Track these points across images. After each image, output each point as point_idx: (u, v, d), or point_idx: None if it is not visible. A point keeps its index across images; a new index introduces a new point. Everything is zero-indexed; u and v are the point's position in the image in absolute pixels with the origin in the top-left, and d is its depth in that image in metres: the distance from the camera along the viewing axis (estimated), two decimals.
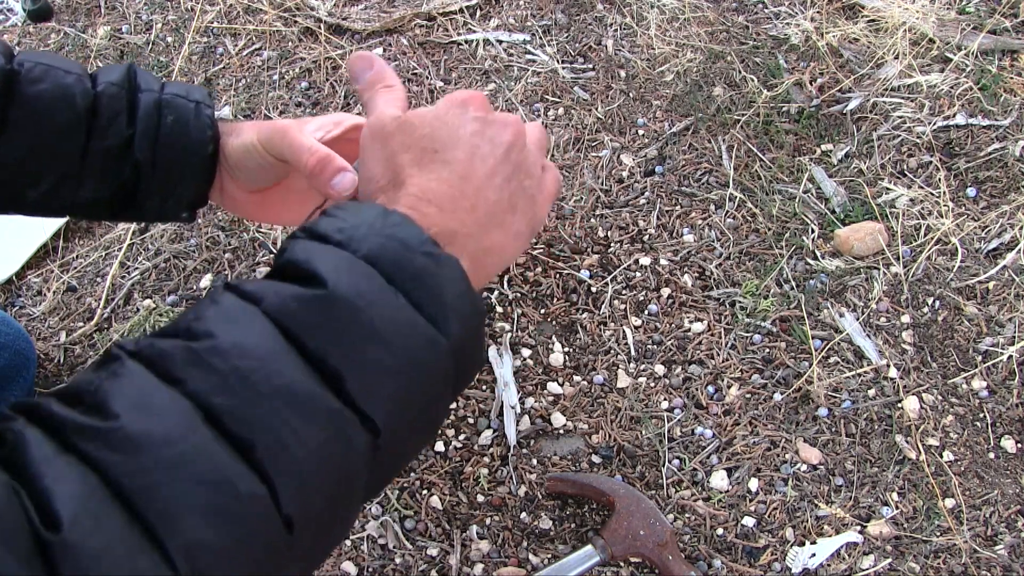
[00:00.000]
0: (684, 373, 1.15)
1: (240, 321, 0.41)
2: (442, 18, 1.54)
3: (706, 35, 1.52)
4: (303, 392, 0.40)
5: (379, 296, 0.43)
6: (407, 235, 0.46)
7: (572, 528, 1.04)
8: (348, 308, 0.42)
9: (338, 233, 0.45)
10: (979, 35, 1.50)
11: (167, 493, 0.36)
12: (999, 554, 1.03)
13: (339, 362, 0.41)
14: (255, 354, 0.40)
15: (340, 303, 0.42)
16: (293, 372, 0.40)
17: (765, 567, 1.01)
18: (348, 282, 0.43)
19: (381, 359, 0.42)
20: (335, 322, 0.42)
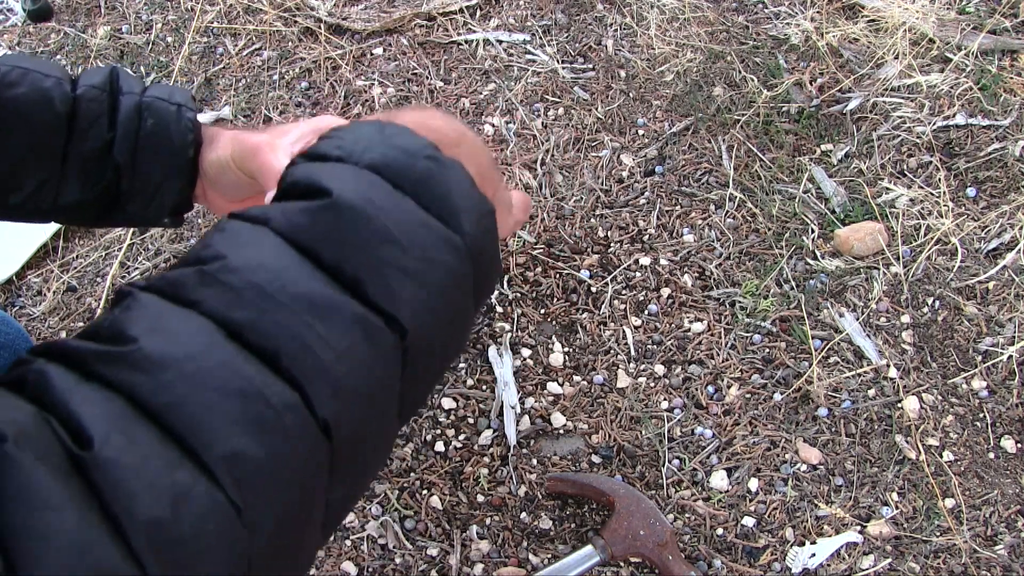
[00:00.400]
0: (684, 373, 1.15)
1: (249, 241, 0.41)
2: (442, 18, 1.54)
3: (706, 35, 1.52)
4: (323, 299, 0.39)
5: (387, 201, 0.42)
6: (407, 143, 0.44)
7: (572, 528, 1.04)
8: (357, 214, 0.41)
9: (337, 150, 0.44)
10: (979, 35, 1.50)
11: (194, 408, 0.35)
12: (999, 554, 1.03)
13: (356, 268, 0.40)
14: (269, 267, 0.39)
15: (348, 210, 0.41)
16: (310, 281, 0.39)
17: (765, 567, 1.01)
18: (354, 189, 0.41)
19: (398, 260, 0.41)
20: (346, 229, 0.41)
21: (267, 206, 0.43)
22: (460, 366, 1.15)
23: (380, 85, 1.45)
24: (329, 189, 0.41)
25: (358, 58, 1.49)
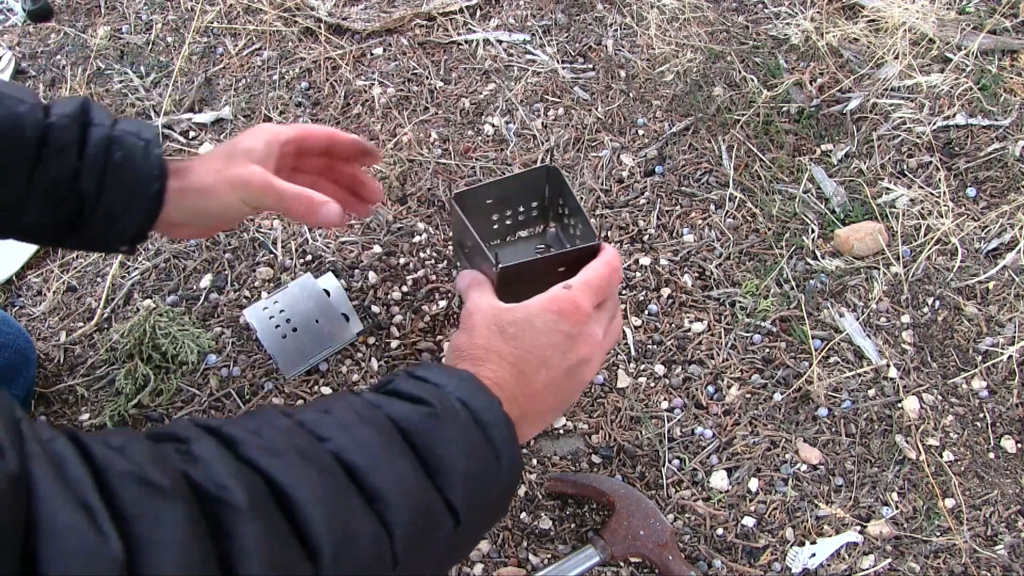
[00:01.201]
0: (684, 373, 1.15)
1: (366, 412, 0.57)
2: (442, 18, 1.54)
3: (706, 35, 1.52)
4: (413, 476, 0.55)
5: (467, 426, 0.59)
6: (484, 392, 0.62)
7: (572, 528, 1.04)
8: (448, 424, 0.58)
9: (436, 378, 0.62)
10: (979, 35, 1.50)
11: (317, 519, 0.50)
12: (999, 554, 1.03)
13: (435, 461, 0.56)
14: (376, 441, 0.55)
15: (443, 419, 0.57)
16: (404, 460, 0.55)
17: (765, 567, 1.01)
18: (447, 407, 0.58)
19: (463, 466, 0.57)
20: (438, 432, 0.57)
21: (379, 396, 0.60)
22: None
23: (380, 85, 1.45)
24: (433, 403, 0.58)
25: (358, 58, 1.49)
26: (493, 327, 0.71)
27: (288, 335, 1.11)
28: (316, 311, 1.13)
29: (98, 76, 1.46)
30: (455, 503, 0.55)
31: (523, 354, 0.69)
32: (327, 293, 1.15)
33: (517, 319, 0.71)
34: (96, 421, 1.09)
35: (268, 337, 1.11)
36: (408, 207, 1.30)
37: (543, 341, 0.70)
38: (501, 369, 0.67)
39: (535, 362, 0.69)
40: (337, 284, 1.16)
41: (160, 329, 1.12)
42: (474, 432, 0.59)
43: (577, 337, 0.71)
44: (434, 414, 0.57)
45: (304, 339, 1.11)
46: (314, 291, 1.13)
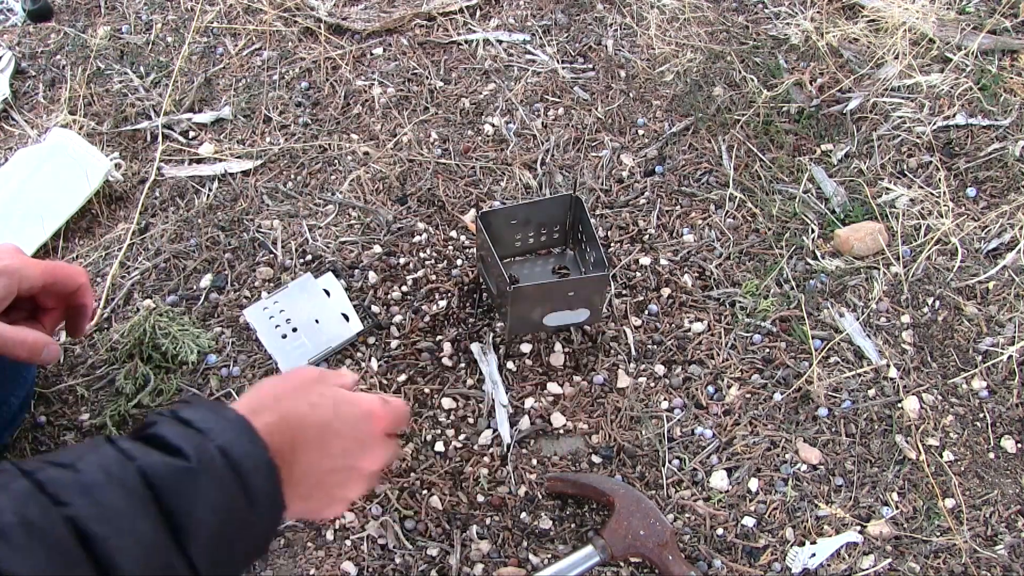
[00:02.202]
0: (684, 373, 1.15)
1: (115, 470, 0.56)
2: (442, 18, 1.54)
3: (706, 35, 1.52)
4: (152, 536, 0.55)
5: (223, 479, 0.59)
6: (249, 437, 0.62)
7: (572, 528, 1.04)
8: (202, 478, 0.57)
9: (200, 422, 0.61)
10: (979, 35, 1.50)
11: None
12: (999, 554, 1.03)
13: (183, 519, 0.56)
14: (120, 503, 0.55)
15: (197, 473, 0.57)
16: (146, 520, 0.55)
17: (765, 567, 1.01)
18: (204, 459, 0.58)
19: (212, 523, 0.57)
20: (190, 488, 0.57)
21: (134, 444, 0.59)
22: (460, 366, 1.15)
23: (380, 85, 1.45)
24: (189, 456, 0.58)
25: (358, 58, 1.49)
26: (303, 387, 0.73)
27: (288, 335, 1.12)
28: (316, 311, 1.13)
29: (98, 76, 1.46)
30: (197, 563, 0.56)
31: (311, 427, 0.70)
32: (327, 293, 1.15)
33: (328, 394, 0.73)
34: (96, 421, 1.09)
35: (268, 337, 1.11)
36: (408, 207, 1.30)
37: (337, 427, 0.72)
38: (280, 426, 0.67)
39: (316, 441, 0.70)
40: (337, 284, 1.16)
41: (160, 329, 1.12)
42: (230, 484, 0.59)
43: (367, 448, 0.74)
44: (189, 469, 0.57)
45: (304, 339, 1.12)
46: (314, 291, 1.14)
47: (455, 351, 1.16)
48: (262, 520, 0.62)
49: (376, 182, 1.33)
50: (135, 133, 1.39)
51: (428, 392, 1.13)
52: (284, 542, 1.01)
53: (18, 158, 1.29)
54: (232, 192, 1.32)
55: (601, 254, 1.08)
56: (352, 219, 1.29)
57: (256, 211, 1.29)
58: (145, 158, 1.36)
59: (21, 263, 0.84)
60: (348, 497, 0.75)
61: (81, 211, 1.28)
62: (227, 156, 1.36)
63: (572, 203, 1.15)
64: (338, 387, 0.76)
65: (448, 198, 1.31)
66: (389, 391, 1.12)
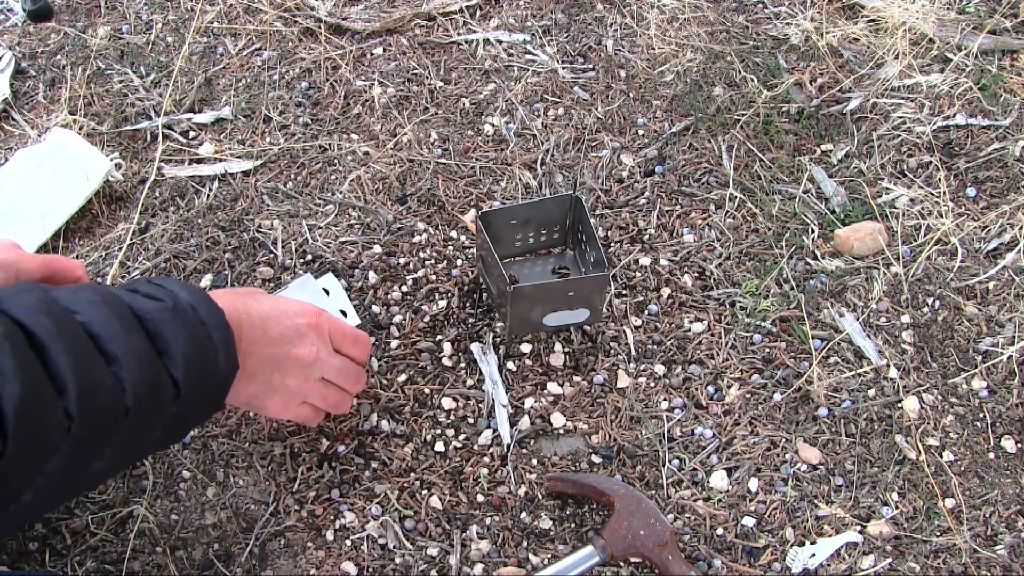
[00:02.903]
0: (684, 373, 1.15)
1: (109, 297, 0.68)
2: (442, 18, 1.54)
3: (706, 35, 1.52)
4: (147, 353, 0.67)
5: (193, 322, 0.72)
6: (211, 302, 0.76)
7: (572, 528, 1.04)
8: (178, 318, 0.70)
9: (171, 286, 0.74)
10: (979, 35, 1.50)
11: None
12: (999, 554, 1.03)
13: (166, 344, 0.69)
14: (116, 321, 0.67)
15: (175, 313, 0.70)
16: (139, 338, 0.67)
17: (765, 567, 1.01)
18: (180, 306, 0.71)
19: (187, 352, 0.70)
20: (170, 323, 0.69)
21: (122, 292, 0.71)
22: (460, 366, 1.15)
23: (380, 85, 1.45)
24: (167, 301, 0.71)
25: (358, 58, 1.49)
26: (251, 290, 0.92)
27: None
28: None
29: (98, 76, 1.46)
30: (177, 378, 0.68)
31: (255, 314, 0.84)
32: (326, 292, 1.15)
33: (270, 297, 0.90)
34: None
35: None
36: (408, 207, 1.30)
37: (276, 316, 0.86)
38: (233, 305, 0.80)
39: (259, 325, 0.84)
40: (337, 284, 1.16)
41: None
42: (199, 329, 0.71)
43: (302, 338, 0.88)
44: (167, 308, 0.70)
45: None
46: (314, 291, 1.14)
47: (455, 351, 1.16)
48: (222, 368, 0.74)
49: (376, 182, 1.33)
50: (135, 133, 1.39)
51: (428, 392, 1.13)
52: (284, 542, 1.02)
53: (18, 158, 1.29)
54: (232, 192, 1.32)
55: (601, 254, 1.08)
56: (352, 219, 1.29)
57: (256, 211, 1.29)
58: (145, 158, 1.36)
59: (17, 257, 0.85)
60: (286, 385, 0.88)
61: (81, 211, 1.28)
62: (227, 156, 1.36)
63: (572, 203, 1.15)
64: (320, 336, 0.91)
65: (448, 198, 1.31)
66: (389, 391, 1.12)
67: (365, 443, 1.09)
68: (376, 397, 1.12)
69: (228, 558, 1.00)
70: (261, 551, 1.01)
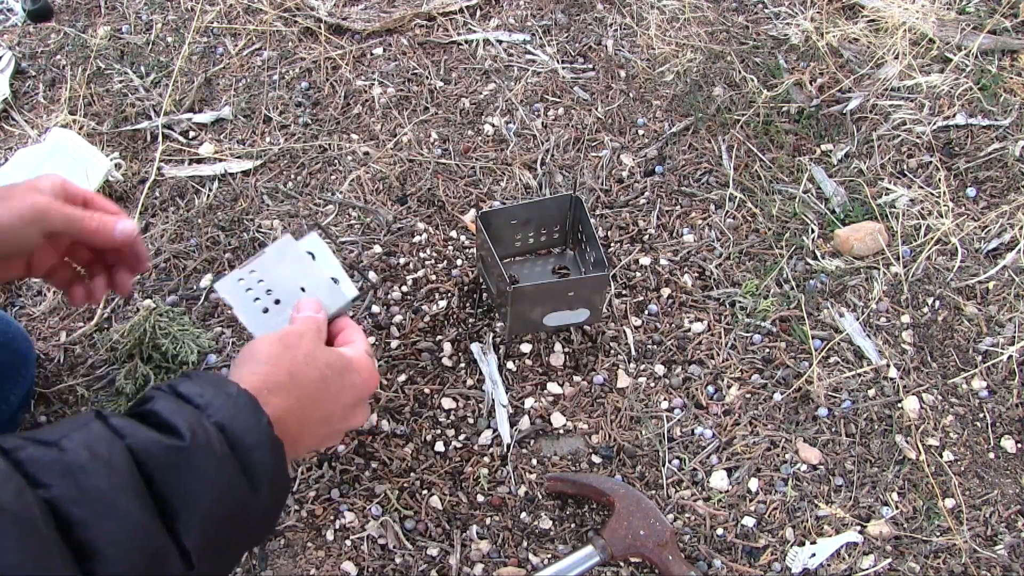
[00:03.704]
0: (684, 373, 1.15)
1: (105, 452, 0.53)
2: (442, 18, 1.54)
3: (706, 35, 1.52)
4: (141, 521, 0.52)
5: (221, 458, 0.56)
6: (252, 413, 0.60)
7: (572, 528, 1.04)
8: (197, 459, 0.55)
9: (198, 397, 0.59)
10: (979, 35, 1.50)
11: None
12: (999, 554, 1.03)
13: (175, 502, 0.54)
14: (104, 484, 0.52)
15: (192, 453, 0.55)
16: (136, 502, 0.52)
17: (765, 567, 1.01)
18: (200, 438, 0.56)
19: (206, 505, 0.55)
20: (184, 468, 0.54)
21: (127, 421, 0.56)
22: (460, 366, 1.15)
23: (380, 85, 1.45)
24: (184, 435, 0.55)
25: (358, 58, 1.49)
26: (302, 354, 0.71)
27: (270, 308, 0.92)
28: (300, 278, 0.94)
29: (98, 76, 1.46)
30: (188, 547, 0.53)
31: (320, 403, 0.69)
32: (311, 256, 0.97)
33: (330, 360, 0.72)
34: None
35: (246, 313, 0.92)
36: (408, 207, 1.30)
37: (339, 398, 0.72)
38: (294, 408, 0.66)
39: (320, 419, 0.70)
40: (323, 245, 0.98)
41: (160, 329, 1.12)
42: (228, 463, 0.57)
43: (357, 411, 0.75)
44: (181, 448, 0.55)
45: (290, 312, 0.92)
46: (296, 255, 0.95)
47: (455, 351, 1.16)
48: (264, 501, 0.60)
49: (376, 182, 1.33)
50: (135, 133, 1.39)
51: (428, 392, 1.13)
52: (284, 542, 1.01)
53: (18, 158, 1.29)
54: (232, 192, 1.32)
55: (601, 254, 1.08)
56: (352, 219, 1.29)
57: (256, 211, 1.29)
58: (145, 158, 1.36)
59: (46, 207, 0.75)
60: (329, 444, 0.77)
61: None
62: (227, 156, 1.36)
63: (572, 203, 1.15)
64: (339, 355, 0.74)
65: (448, 198, 1.31)
66: (389, 391, 1.12)
67: (365, 443, 1.09)
68: (376, 397, 1.12)
69: None
70: (261, 551, 1.01)
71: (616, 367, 1.15)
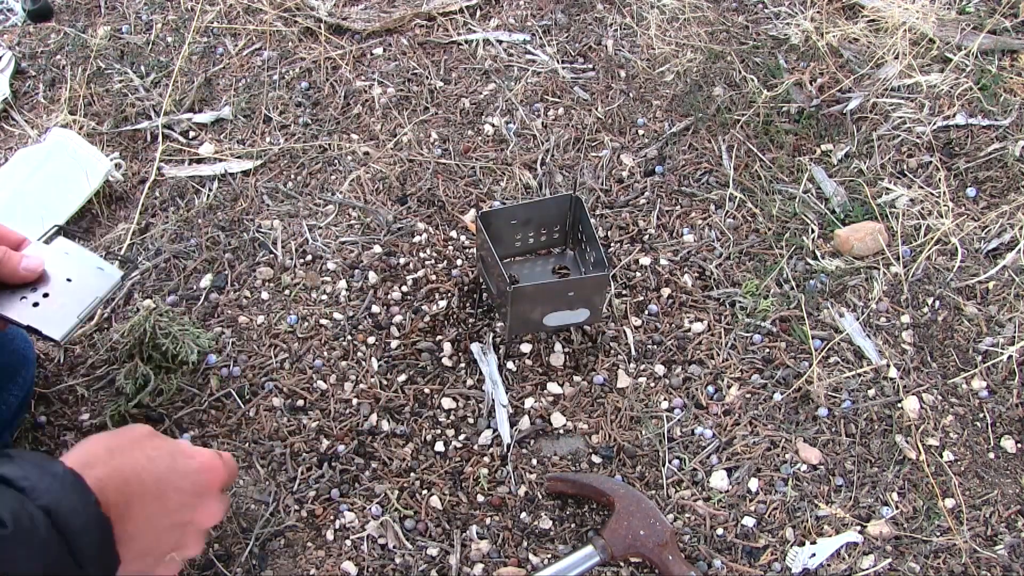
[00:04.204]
0: (684, 373, 1.15)
1: None
2: (442, 18, 1.54)
3: (706, 35, 1.52)
4: None
5: (46, 540, 0.56)
6: (79, 493, 0.59)
7: (572, 528, 1.04)
8: (20, 545, 0.55)
9: (23, 480, 0.58)
10: (979, 35, 1.50)
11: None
12: (999, 554, 1.03)
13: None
14: None
15: (15, 540, 0.55)
16: None
17: (765, 567, 1.01)
18: (23, 524, 0.55)
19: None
20: (8, 557, 0.54)
21: None
22: (460, 366, 1.15)
23: (380, 85, 1.45)
24: (5, 522, 0.55)
25: (358, 58, 1.49)
26: (137, 441, 0.70)
27: (40, 302, 0.95)
28: (64, 271, 0.98)
29: (98, 76, 1.46)
30: None
31: (147, 479, 0.67)
32: (67, 254, 1.00)
33: (164, 447, 0.70)
34: (96, 421, 1.09)
35: (19, 312, 0.94)
36: (408, 207, 1.30)
37: (174, 480, 0.69)
38: (115, 479, 0.64)
39: (153, 494, 0.67)
40: (74, 245, 1.01)
41: (160, 329, 1.12)
42: (54, 548, 0.57)
43: (204, 502, 0.71)
44: (3, 537, 0.55)
45: (62, 300, 0.96)
46: (53, 256, 0.99)
47: (455, 351, 1.16)
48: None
49: (376, 182, 1.33)
50: (135, 133, 1.39)
51: (428, 392, 1.13)
52: (284, 542, 1.02)
53: (18, 158, 1.29)
54: (232, 192, 1.32)
55: (601, 254, 1.08)
56: (352, 219, 1.29)
57: (256, 211, 1.29)
58: (145, 158, 1.36)
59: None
60: (185, 555, 0.71)
61: (81, 211, 1.28)
62: (227, 156, 1.36)
63: (572, 203, 1.15)
64: (171, 441, 0.73)
65: (448, 198, 1.31)
66: (389, 391, 1.12)
67: (365, 443, 1.09)
68: (376, 397, 1.12)
69: (228, 558, 1.00)
70: (261, 551, 1.01)
71: (616, 367, 1.15)
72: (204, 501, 0.71)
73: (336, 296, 1.21)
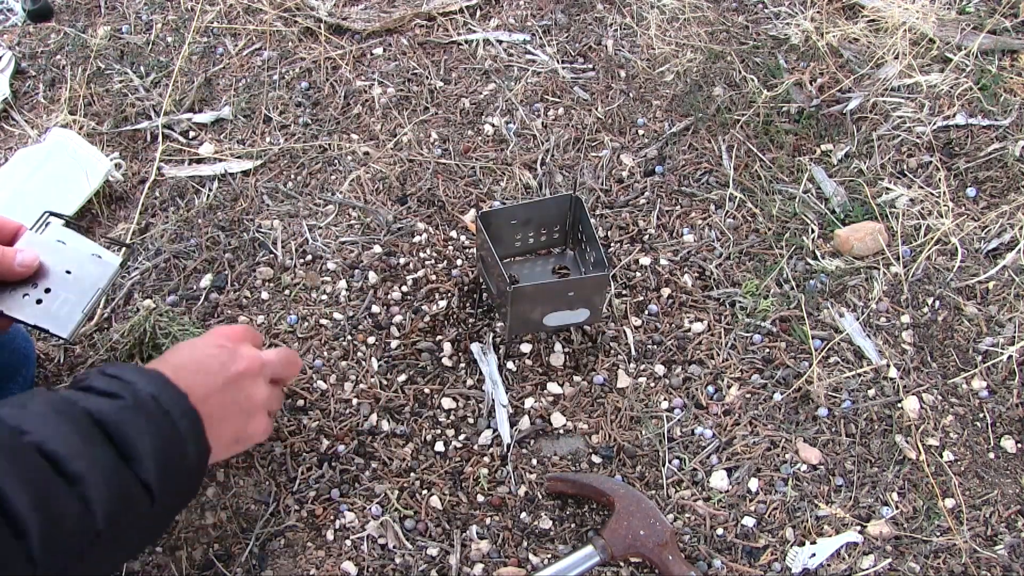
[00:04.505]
0: (684, 373, 1.15)
1: (62, 408, 0.63)
2: (442, 18, 1.54)
3: (706, 35, 1.52)
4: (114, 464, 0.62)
5: (158, 418, 0.67)
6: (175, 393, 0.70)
7: (572, 528, 1.04)
8: (141, 415, 0.65)
9: (128, 375, 0.69)
10: (979, 35, 1.50)
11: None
12: (999, 554, 1.03)
13: (130, 448, 0.63)
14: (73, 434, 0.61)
15: (137, 410, 0.65)
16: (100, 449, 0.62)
17: (765, 567, 1.01)
18: (140, 400, 0.66)
19: (155, 452, 0.65)
20: (132, 422, 0.64)
21: (72, 392, 0.67)
22: (460, 366, 1.15)
23: (380, 85, 1.45)
24: (126, 397, 0.66)
25: (358, 58, 1.49)
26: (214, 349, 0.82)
27: (43, 299, 0.92)
28: (62, 263, 0.95)
29: (98, 76, 1.46)
30: (150, 483, 0.63)
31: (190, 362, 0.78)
32: (63, 243, 0.97)
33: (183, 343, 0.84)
34: None
35: (24, 311, 0.91)
36: (408, 207, 1.30)
37: (203, 352, 0.80)
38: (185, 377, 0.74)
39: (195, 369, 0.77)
40: (68, 232, 0.97)
41: (160, 329, 1.12)
42: (163, 422, 0.66)
43: (233, 351, 0.82)
44: (127, 406, 0.65)
45: (64, 295, 0.93)
46: (49, 246, 0.95)
47: (455, 351, 1.16)
48: (193, 459, 0.69)
49: (376, 182, 1.33)
50: (135, 133, 1.39)
51: (428, 392, 1.13)
52: (284, 542, 1.02)
53: (18, 158, 1.29)
54: (232, 192, 1.32)
55: (601, 254, 1.08)
56: (352, 219, 1.29)
57: (256, 211, 1.29)
58: (145, 158, 1.36)
59: None
60: (253, 402, 0.82)
61: (81, 211, 1.28)
62: (227, 156, 1.36)
63: (572, 203, 1.15)
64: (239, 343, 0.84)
65: (448, 198, 1.31)
66: (389, 391, 1.12)
67: (365, 443, 1.09)
68: (376, 397, 1.12)
69: (228, 558, 1.00)
70: (261, 551, 1.01)
71: (616, 367, 1.15)
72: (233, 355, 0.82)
73: (336, 296, 1.21)
